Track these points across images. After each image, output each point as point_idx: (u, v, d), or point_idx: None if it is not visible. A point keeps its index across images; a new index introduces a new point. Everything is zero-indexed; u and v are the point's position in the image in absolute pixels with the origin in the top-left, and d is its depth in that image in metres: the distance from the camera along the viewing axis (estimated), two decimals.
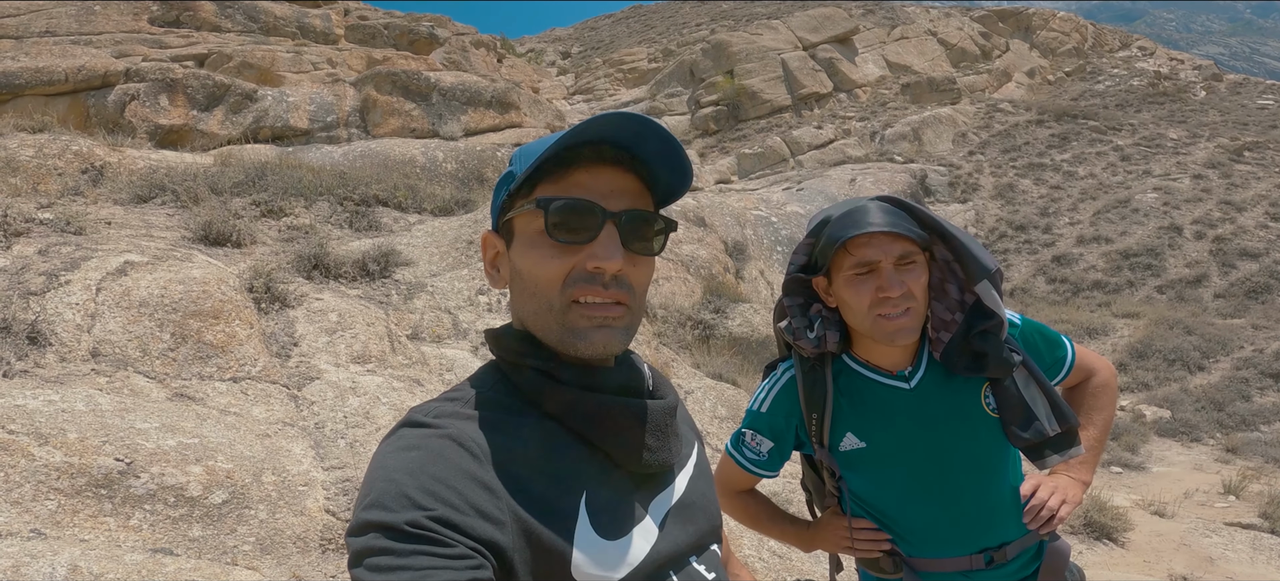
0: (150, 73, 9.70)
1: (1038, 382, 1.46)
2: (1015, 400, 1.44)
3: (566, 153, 0.80)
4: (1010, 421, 1.44)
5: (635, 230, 0.82)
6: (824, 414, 1.49)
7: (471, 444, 0.73)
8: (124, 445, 2.29)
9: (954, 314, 1.45)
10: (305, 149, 10.81)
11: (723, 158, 24.23)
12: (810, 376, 1.50)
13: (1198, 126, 28.75)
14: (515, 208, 0.83)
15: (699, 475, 0.95)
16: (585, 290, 0.79)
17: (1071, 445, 1.47)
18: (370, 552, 0.64)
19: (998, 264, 1.47)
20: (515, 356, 0.82)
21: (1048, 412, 1.44)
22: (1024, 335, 1.54)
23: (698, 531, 0.89)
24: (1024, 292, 19.45)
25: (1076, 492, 1.51)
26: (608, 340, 0.79)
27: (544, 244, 0.80)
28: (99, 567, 1.76)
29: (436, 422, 0.75)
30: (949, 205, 23.72)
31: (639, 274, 0.83)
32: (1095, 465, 1.59)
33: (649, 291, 7.69)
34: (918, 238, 1.38)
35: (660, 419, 0.85)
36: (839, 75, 28.39)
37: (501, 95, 11.50)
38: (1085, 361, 1.60)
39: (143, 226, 4.97)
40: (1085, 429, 1.57)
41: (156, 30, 12.00)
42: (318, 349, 3.78)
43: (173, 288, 3.46)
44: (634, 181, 0.84)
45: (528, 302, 0.82)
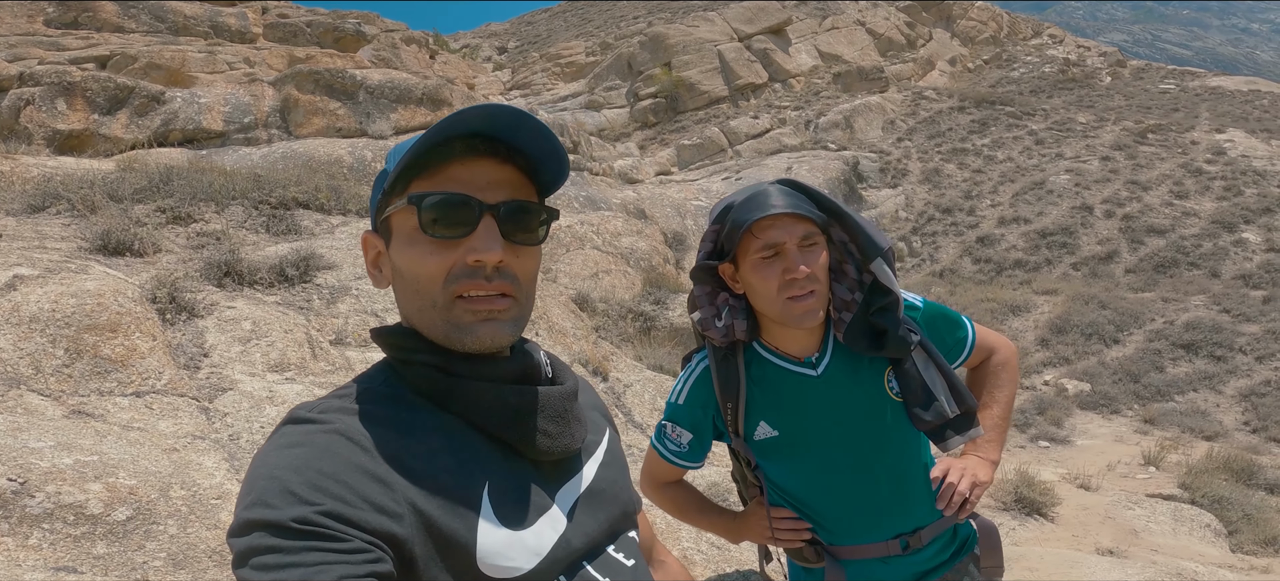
0: (46, 76, 9.09)
1: (936, 364, 1.49)
2: (916, 382, 1.47)
3: (440, 147, 0.79)
4: (912, 403, 1.47)
5: (515, 221, 0.81)
6: (737, 403, 1.50)
7: (361, 437, 0.71)
8: (16, 464, 2.14)
9: (853, 294, 1.48)
10: (221, 151, 10.32)
11: (662, 149, 24.36)
12: (723, 366, 1.51)
13: (1104, 111, 30.46)
14: (391, 206, 0.81)
15: (609, 462, 0.95)
16: (468, 285, 0.78)
17: (971, 426, 1.50)
18: (255, 551, 0.61)
19: (891, 242, 1.50)
20: (406, 354, 0.80)
21: (947, 393, 1.47)
22: (926, 318, 1.57)
23: (610, 518, 0.89)
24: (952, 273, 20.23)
25: (986, 473, 1.54)
26: (495, 333, 0.79)
27: (421, 240, 0.78)
28: None
29: (323, 418, 0.72)
30: (880, 190, 24.46)
31: (523, 264, 0.83)
32: (1001, 443, 1.62)
33: (592, 285, 7.62)
34: (817, 219, 1.41)
35: (558, 404, 0.85)
36: (774, 65, 28.90)
37: (433, 92, 11.24)
38: (986, 341, 1.64)
39: (36, 238, 4.66)
40: (989, 407, 1.61)
41: (53, 32, 11.23)
42: (231, 359, 3.61)
43: (65, 301, 3.25)
44: (512, 172, 0.83)
45: (412, 301, 0.81)
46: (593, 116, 25.00)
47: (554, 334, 6.21)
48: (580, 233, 10.96)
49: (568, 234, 10.64)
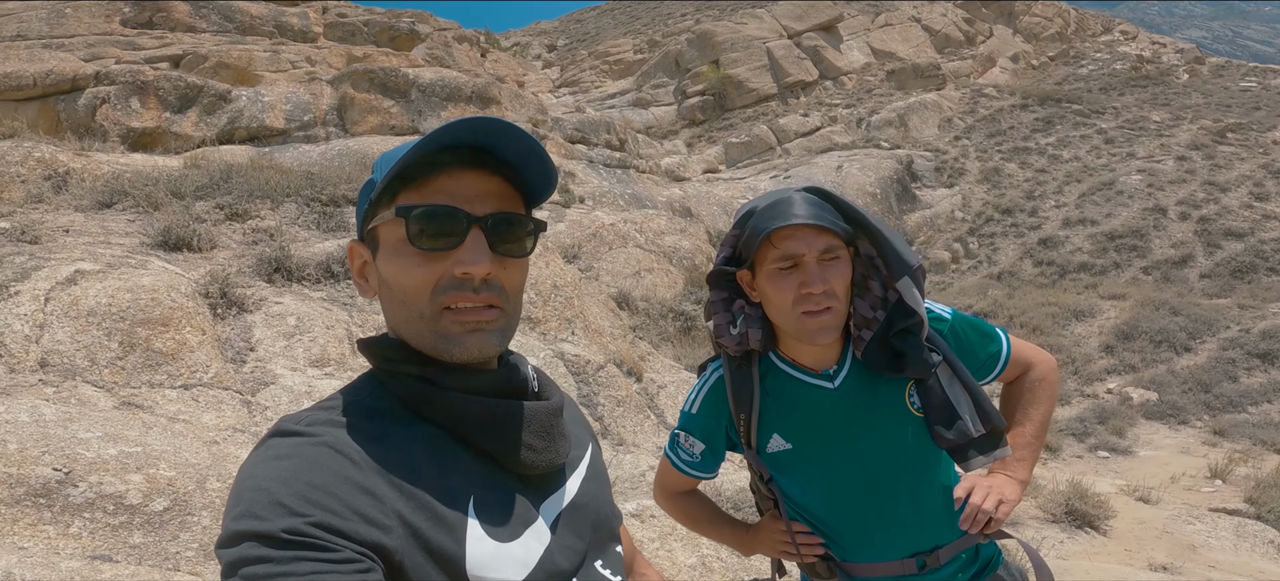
0: (121, 75, 9.59)
1: (962, 382, 1.43)
2: (939, 399, 1.41)
3: (427, 158, 0.78)
4: (934, 421, 1.42)
5: (503, 233, 0.81)
6: (751, 414, 1.46)
7: (349, 449, 0.71)
8: (63, 455, 2.27)
9: (876, 312, 1.41)
10: (282, 149, 10.73)
11: (710, 147, 24.21)
12: (737, 376, 1.47)
13: (1181, 109, 28.91)
14: (378, 216, 0.81)
15: (592, 477, 0.95)
16: (455, 297, 0.78)
17: (997, 446, 1.44)
18: (245, 562, 0.62)
19: (920, 261, 1.43)
20: (392, 364, 0.80)
21: (972, 412, 1.41)
22: (955, 330, 1.50)
23: (594, 533, 0.89)
24: (1011, 276, 19.56)
25: (1014, 492, 1.46)
26: (481, 344, 0.79)
27: (408, 252, 0.78)
28: (34, 574, 1.74)
29: (310, 430, 0.73)
30: (936, 189, 23.80)
31: (511, 276, 0.82)
32: (1033, 462, 1.54)
33: (633, 283, 7.60)
34: (842, 232, 1.35)
35: (543, 420, 0.84)
36: (824, 63, 28.38)
37: (482, 90, 11.43)
38: (1022, 355, 1.56)
39: (101, 233, 4.92)
40: (1022, 425, 1.54)
41: (129, 32, 11.86)
42: (275, 353, 3.75)
43: (121, 296, 3.42)
44: (500, 184, 0.83)
45: (399, 312, 0.80)
46: (640, 114, 25.01)
47: (590, 333, 6.24)
48: (623, 230, 10.99)
49: (611, 232, 10.69)
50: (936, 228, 22.35)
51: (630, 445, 4.99)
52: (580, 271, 8.84)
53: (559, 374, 5.29)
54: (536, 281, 6.11)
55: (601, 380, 5.54)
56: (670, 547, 3.02)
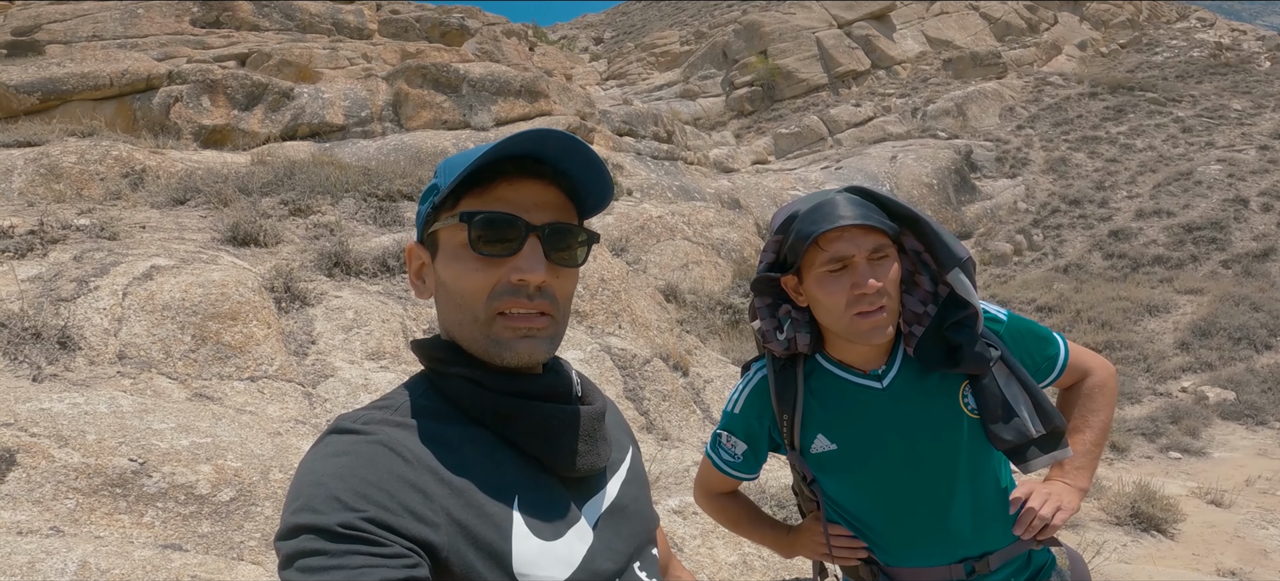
0: (191, 74, 10.04)
1: (1020, 380, 1.39)
2: (996, 398, 1.37)
3: (490, 166, 0.81)
4: (990, 420, 1.37)
5: (558, 242, 0.83)
6: (794, 415, 1.45)
7: (402, 448, 0.74)
8: (139, 445, 2.40)
9: (926, 306, 1.39)
10: (342, 144, 11.07)
11: (759, 138, 23.92)
12: (782, 376, 1.47)
13: (1263, 97, 27.17)
14: (440, 220, 0.84)
15: (632, 480, 0.97)
16: (510, 302, 0.80)
17: (1057, 446, 1.40)
18: (302, 554, 0.65)
19: (969, 253, 1.40)
20: (443, 366, 0.83)
21: (1031, 410, 1.37)
22: (1011, 332, 1.46)
23: (633, 535, 0.91)
24: (1079, 269, 18.80)
25: (1073, 500, 1.42)
26: (532, 349, 0.81)
27: (468, 257, 0.81)
28: (108, 563, 1.86)
29: (366, 429, 0.75)
30: (997, 179, 23.04)
31: (562, 285, 0.85)
32: (1092, 469, 1.49)
33: (681, 275, 7.59)
34: (889, 229, 1.34)
35: (589, 424, 0.87)
36: (877, 52, 27.67)
37: (530, 84, 11.55)
38: (1080, 360, 1.51)
39: (175, 229, 5.17)
40: (1081, 432, 1.49)
41: (198, 31, 12.41)
42: (334, 346, 3.89)
43: (193, 291, 3.60)
44: (557, 194, 0.85)
45: (453, 313, 0.83)
46: (688, 105, 24.85)
47: (637, 326, 6.27)
48: (671, 223, 10.97)
49: (659, 224, 10.69)
50: (997, 219, 21.62)
51: (675, 440, 5.01)
52: (627, 264, 8.87)
53: (605, 368, 5.34)
54: (584, 275, 6.17)
55: (647, 374, 5.57)
56: (712, 545, 3.03)
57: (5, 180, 5.62)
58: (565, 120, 12.30)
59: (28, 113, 8.86)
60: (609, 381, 5.26)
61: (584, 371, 5.25)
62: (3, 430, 2.15)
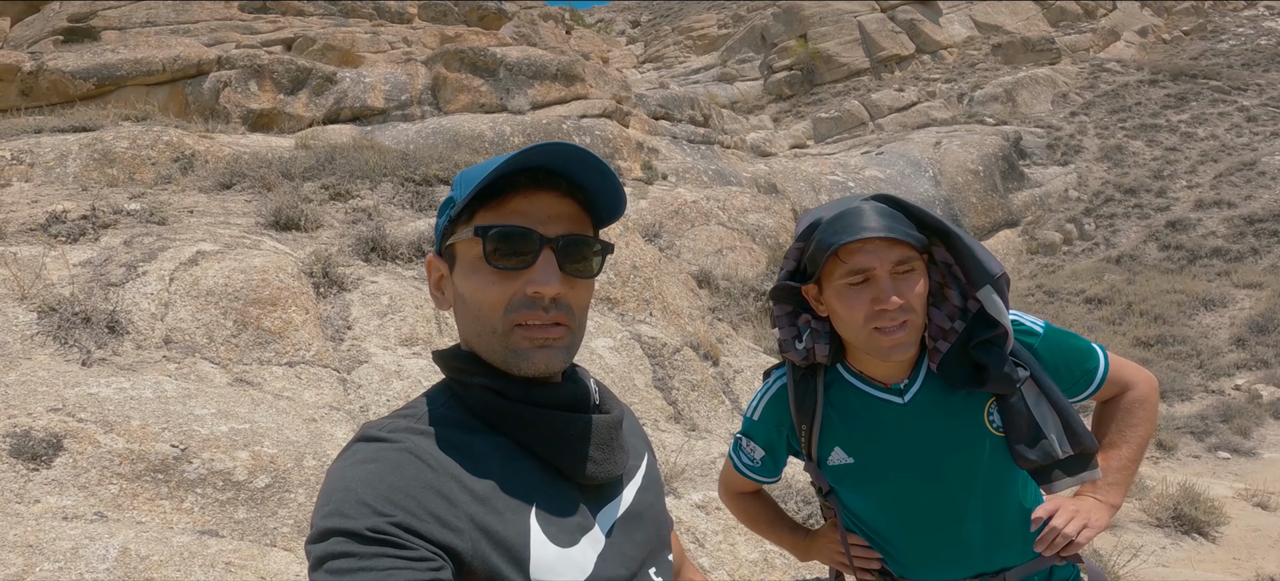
0: (239, 60, 10.30)
1: (1050, 399, 1.34)
2: (1022, 417, 1.33)
3: (504, 179, 0.83)
4: (1016, 440, 1.34)
5: (572, 254, 0.84)
6: (812, 426, 1.43)
7: (427, 456, 0.77)
8: (180, 431, 2.50)
9: (953, 322, 1.34)
10: (383, 127, 11.26)
11: (797, 122, 23.54)
12: (801, 386, 1.45)
13: None
14: (456, 233, 0.85)
15: (647, 486, 0.98)
16: (526, 315, 0.82)
17: (1085, 468, 1.36)
18: (332, 556, 0.68)
19: (1003, 268, 1.34)
20: (464, 375, 0.85)
21: (1059, 432, 1.33)
22: (1047, 344, 1.41)
23: (646, 541, 0.92)
24: (1132, 260, 18.18)
25: (1102, 517, 1.38)
26: (549, 359, 0.83)
27: (484, 270, 0.82)
28: (147, 549, 1.95)
29: (392, 437, 0.78)
30: (1047, 167, 22.35)
31: (578, 295, 0.86)
32: (1126, 486, 1.45)
33: (715, 261, 7.52)
34: (916, 242, 1.28)
35: (605, 433, 0.88)
36: (921, 36, 26.93)
37: (567, 68, 11.56)
38: (1121, 374, 1.46)
39: (222, 213, 5.33)
40: (1118, 447, 1.44)
41: (247, 16, 12.71)
42: (369, 332, 3.98)
43: (236, 276, 3.71)
44: (571, 206, 0.86)
45: (471, 325, 0.85)
46: (725, 89, 24.55)
47: (668, 314, 6.26)
48: (705, 208, 10.90)
49: (693, 209, 10.63)
50: (1047, 207, 20.98)
51: (703, 431, 5.01)
52: (660, 250, 8.86)
53: (635, 356, 5.35)
54: (616, 262, 6.18)
55: (677, 363, 5.57)
56: (733, 541, 3.03)
57: (61, 165, 5.86)
58: (601, 103, 12.28)
59: (84, 98, 9.22)
60: (638, 370, 5.28)
61: (613, 359, 5.28)
62: (51, 415, 2.26)
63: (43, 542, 1.78)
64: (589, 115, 11.89)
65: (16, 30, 12.98)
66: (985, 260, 1.32)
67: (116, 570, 1.76)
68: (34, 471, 2.06)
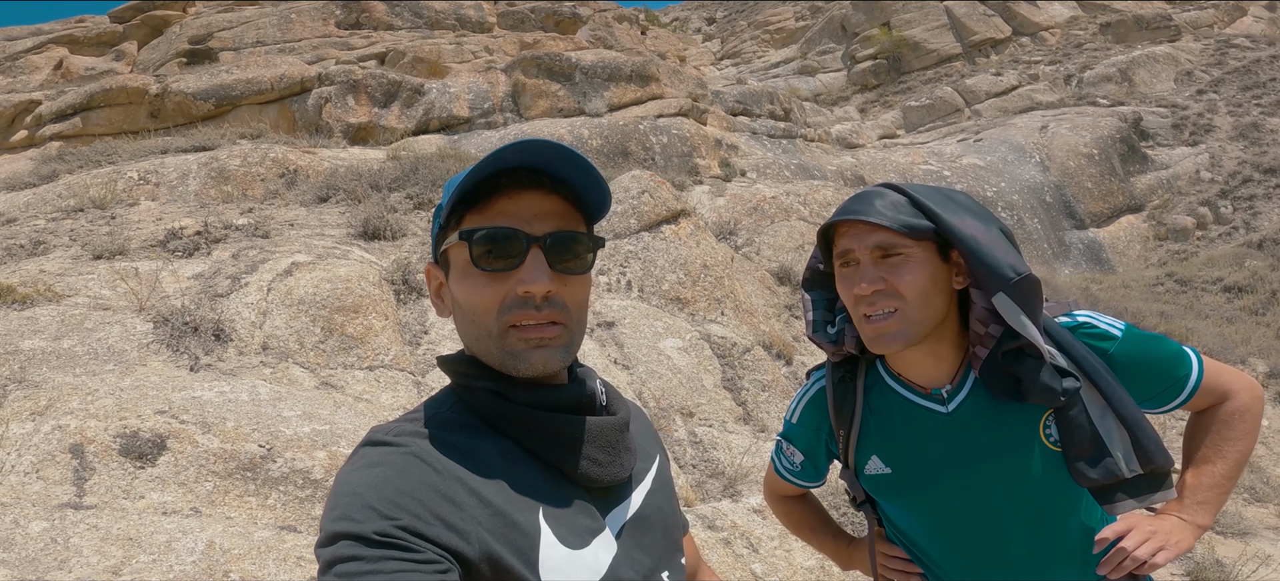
0: (337, 75, 11.00)
1: (1118, 412, 1.24)
2: (1084, 432, 1.23)
3: (488, 182, 0.83)
4: (1076, 457, 1.24)
5: (562, 251, 0.84)
6: (851, 431, 1.38)
7: (433, 459, 0.77)
8: (268, 432, 2.73)
9: (987, 327, 1.25)
10: (468, 135, 11.73)
11: (886, 112, 22.68)
12: (840, 388, 1.40)
13: None
14: (447, 240, 0.86)
15: (658, 489, 0.97)
16: (520, 315, 0.82)
17: (1157, 489, 1.25)
18: (340, 560, 0.68)
19: (1026, 271, 1.22)
20: (467, 379, 0.86)
21: (1127, 449, 1.23)
22: (1124, 353, 1.29)
23: (656, 545, 0.92)
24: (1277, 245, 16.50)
25: (1185, 538, 1.27)
26: (546, 359, 0.83)
27: (474, 274, 0.83)
28: (230, 543, 2.15)
29: (398, 441, 0.79)
30: (1174, 148, 20.61)
31: (572, 292, 0.86)
32: (1218, 507, 1.32)
33: (795, 257, 7.36)
34: (901, 227, 1.21)
35: (609, 435, 0.88)
36: (1017, 19, 25.35)
37: (641, 69, 11.65)
38: (1218, 382, 1.32)
39: (318, 226, 5.74)
40: (1212, 462, 1.32)
41: (342, 33, 13.55)
42: (444, 336, 4.19)
43: (323, 285, 4.00)
44: (559, 203, 0.86)
45: (470, 330, 0.86)
46: (807, 82, 23.95)
47: (740, 313, 6.22)
48: (785, 203, 10.70)
49: (772, 205, 10.47)
50: (1176, 190, 19.32)
51: (771, 432, 4.96)
52: (736, 247, 8.78)
53: (703, 356, 5.36)
54: (686, 261, 6.20)
55: (747, 363, 5.53)
56: (789, 547, 3.00)
57: (183, 184, 6.46)
58: (677, 102, 12.30)
59: (205, 118, 10.11)
60: (707, 370, 5.29)
61: (681, 360, 5.31)
62: (158, 417, 2.53)
63: (142, 536, 2.01)
64: (665, 115, 11.94)
65: (144, 54, 14.38)
66: (996, 264, 1.21)
67: (202, 563, 1.96)
68: (140, 469, 2.32)
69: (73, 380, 2.77)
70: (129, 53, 14.68)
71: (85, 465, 2.27)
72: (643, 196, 6.46)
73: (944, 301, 1.26)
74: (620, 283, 5.94)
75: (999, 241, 1.24)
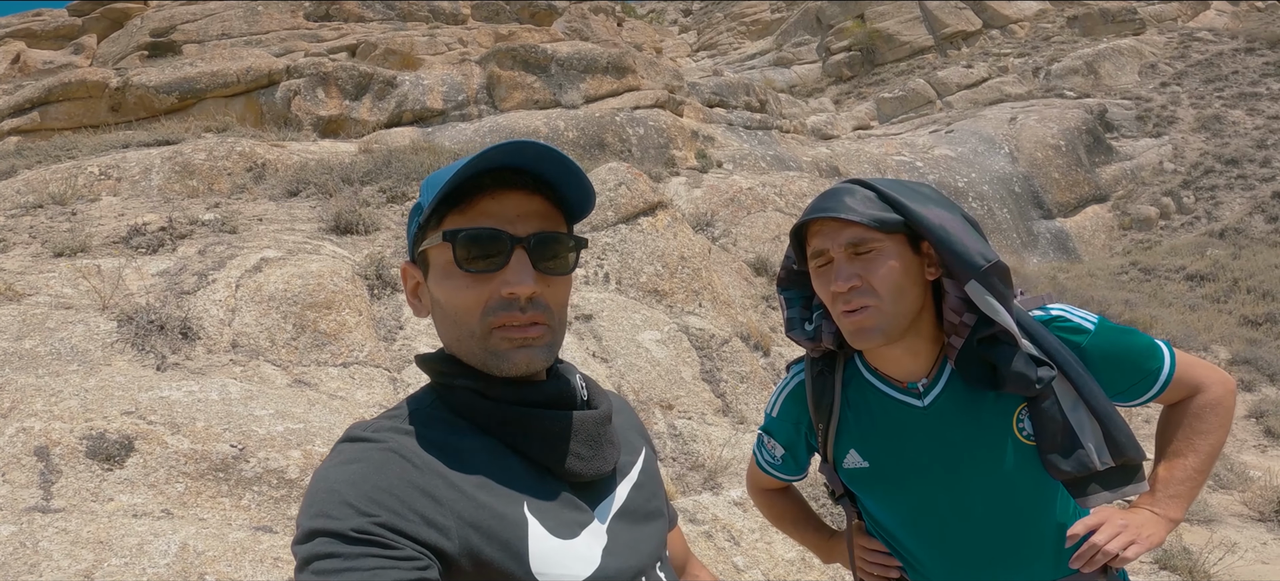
0: (306, 68, 10.79)
1: (1090, 405, 1.25)
2: (1056, 424, 1.25)
3: (470, 182, 0.82)
4: (1048, 449, 1.26)
5: (545, 252, 0.84)
6: (829, 424, 1.39)
7: (413, 455, 0.77)
8: (240, 432, 2.68)
9: (960, 316, 1.26)
10: (442, 128, 11.58)
11: (860, 103, 22.89)
12: (819, 381, 1.41)
13: None
14: (427, 240, 0.85)
15: (644, 483, 0.97)
16: (503, 317, 0.82)
17: (1129, 481, 1.27)
18: (317, 557, 0.68)
19: (995, 258, 1.24)
20: (448, 379, 0.85)
21: (1099, 441, 1.24)
22: (1097, 346, 1.30)
23: (642, 539, 0.91)
24: (1238, 234, 16.98)
25: (1156, 532, 1.28)
26: (530, 359, 0.83)
27: (457, 275, 0.82)
28: (205, 545, 2.10)
29: (376, 437, 0.78)
30: (1138, 139, 21.12)
31: (555, 293, 0.86)
32: (1190, 499, 1.34)
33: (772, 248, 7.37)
34: (872, 221, 1.22)
35: (591, 429, 0.88)
36: (988, 11, 25.81)
37: (617, 60, 11.60)
38: (1190, 375, 1.34)
39: (288, 220, 5.63)
40: (1183, 456, 1.34)
41: (312, 25, 13.29)
42: (418, 331, 4.14)
43: (294, 281, 3.92)
44: (541, 203, 0.86)
45: (451, 330, 0.85)
46: (782, 73, 24.10)
47: (718, 305, 6.24)
48: (762, 194, 10.76)
49: (748, 196, 10.51)
50: (1139, 180, 19.79)
51: (751, 424, 4.99)
52: (712, 239, 8.80)
53: (682, 348, 5.37)
54: (663, 253, 6.20)
55: (725, 355, 5.55)
56: (769, 540, 3.02)
57: (145, 178, 6.29)
58: (653, 94, 12.27)
59: (168, 112, 9.85)
60: (685, 362, 5.29)
61: (660, 353, 5.31)
62: (125, 418, 2.46)
63: (113, 539, 1.95)
64: (642, 106, 11.90)
65: (104, 47, 13.96)
66: (965, 252, 1.23)
67: (175, 565, 1.92)
68: (108, 471, 2.25)
69: (36, 381, 2.68)
70: (88, 46, 14.25)
71: (51, 468, 2.20)
72: (620, 189, 6.44)
73: (918, 293, 1.28)
74: (598, 275, 5.92)
75: (966, 230, 1.26)
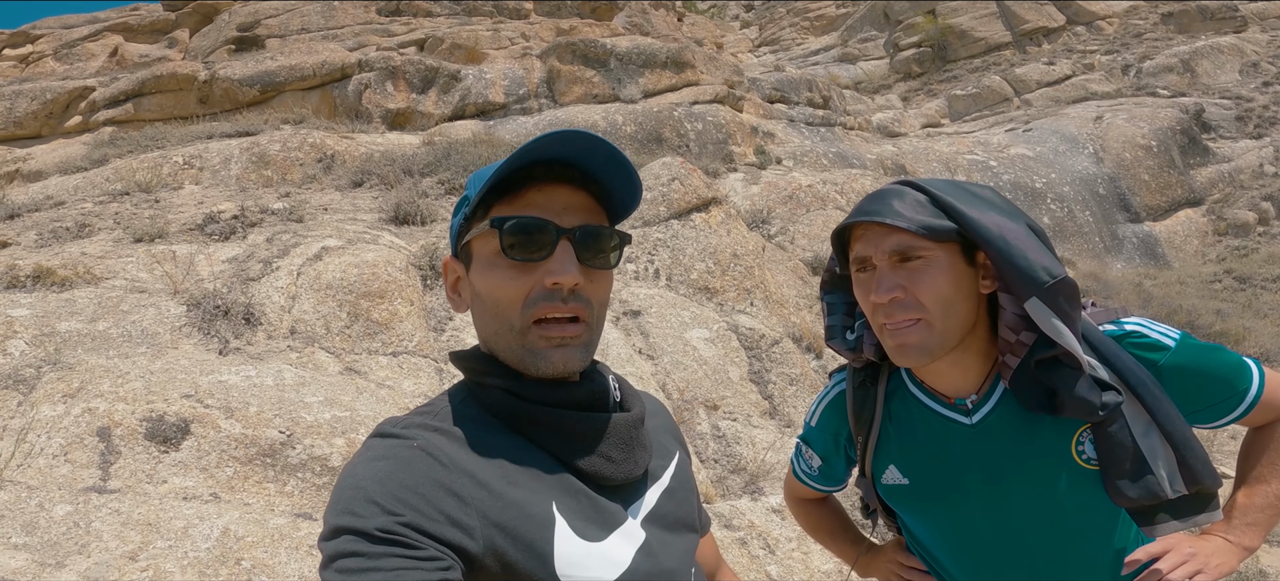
0: (377, 62, 11.14)
1: (1164, 429, 1.15)
2: (1124, 449, 1.14)
3: (518, 173, 0.83)
4: (1116, 474, 1.15)
5: (589, 245, 0.84)
6: (868, 438, 1.33)
7: (441, 453, 0.77)
8: (289, 418, 2.78)
9: (1017, 334, 1.16)
10: (504, 121, 11.77)
11: (930, 100, 22.07)
12: (860, 392, 1.34)
13: None
14: (472, 230, 0.86)
15: (676, 487, 0.96)
16: (546, 307, 0.82)
17: (1201, 510, 1.16)
18: (341, 555, 0.69)
19: (1061, 273, 1.12)
20: (481, 376, 0.86)
21: (1172, 469, 1.14)
22: (1175, 366, 1.19)
23: (673, 543, 0.90)
24: None
25: (1227, 560, 1.18)
26: (567, 359, 0.83)
27: (501, 264, 0.83)
28: (245, 530, 2.19)
29: (406, 434, 0.79)
30: (1237, 141, 19.74)
31: (596, 288, 0.86)
32: (1269, 529, 1.24)
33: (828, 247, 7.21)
34: (921, 229, 1.12)
35: (624, 432, 0.87)
36: (1072, 7, 24.43)
37: (676, 55, 11.53)
38: (1278, 397, 1.22)
39: (351, 210, 5.82)
40: (1266, 482, 1.23)
41: (383, 19, 13.71)
42: (468, 322, 4.21)
43: (350, 270, 4.04)
44: (586, 198, 0.86)
45: (490, 324, 0.85)
46: (847, 69, 23.42)
47: (771, 304, 6.13)
48: (822, 192, 10.51)
49: (808, 193, 10.29)
50: (1237, 184, 18.48)
51: (797, 427, 4.88)
52: (768, 236, 8.66)
53: (731, 347, 5.30)
54: (715, 250, 6.12)
55: (775, 356, 5.45)
56: (806, 550, 2.93)
57: (225, 168, 6.62)
58: (712, 89, 12.14)
59: (251, 104, 10.35)
60: (733, 362, 5.22)
61: (708, 351, 5.25)
62: (184, 401, 2.58)
63: (161, 521, 2.05)
64: (701, 101, 11.80)
65: (195, 41, 14.78)
66: (1028, 266, 1.11)
67: (216, 550, 2.00)
68: (164, 454, 2.37)
69: (105, 362, 2.85)
70: (181, 39, 15.12)
71: (111, 448, 2.33)
72: (673, 184, 6.39)
73: (970, 308, 1.18)
74: (648, 271, 5.90)
75: (1030, 240, 1.14)
